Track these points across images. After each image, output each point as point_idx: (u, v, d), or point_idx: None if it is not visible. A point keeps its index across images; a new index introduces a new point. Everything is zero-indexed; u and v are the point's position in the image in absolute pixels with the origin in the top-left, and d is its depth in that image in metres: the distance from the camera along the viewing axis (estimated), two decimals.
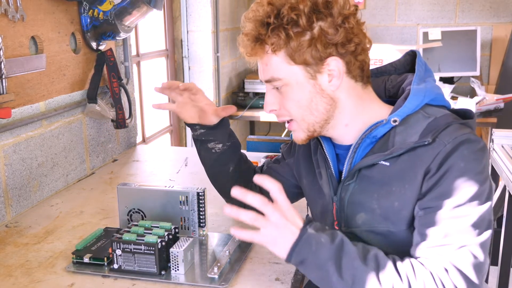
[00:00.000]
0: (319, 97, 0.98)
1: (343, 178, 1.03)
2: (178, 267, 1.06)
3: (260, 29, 0.96)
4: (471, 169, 0.89)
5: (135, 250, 1.05)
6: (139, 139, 2.29)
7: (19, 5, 1.35)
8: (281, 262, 1.12)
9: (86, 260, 1.10)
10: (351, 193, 1.01)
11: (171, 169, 1.83)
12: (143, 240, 1.05)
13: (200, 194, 1.19)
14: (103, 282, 1.05)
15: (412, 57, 1.08)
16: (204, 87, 3.09)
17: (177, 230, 1.13)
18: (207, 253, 1.16)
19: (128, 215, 1.24)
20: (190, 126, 1.25)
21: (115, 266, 1.07)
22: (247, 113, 3.34)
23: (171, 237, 1.09)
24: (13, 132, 1.40)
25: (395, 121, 0.96)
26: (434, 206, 0.90)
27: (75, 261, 1.11)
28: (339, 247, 0.89)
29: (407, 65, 1.10)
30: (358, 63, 0.98)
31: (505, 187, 2.03)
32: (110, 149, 1.94)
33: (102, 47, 1.77)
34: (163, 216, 1.21)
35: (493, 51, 3.82)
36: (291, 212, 0.91)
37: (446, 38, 3.52)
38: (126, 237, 1.06)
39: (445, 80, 3.47)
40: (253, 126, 4.02)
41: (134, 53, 2.44)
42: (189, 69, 3.11)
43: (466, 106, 2.81)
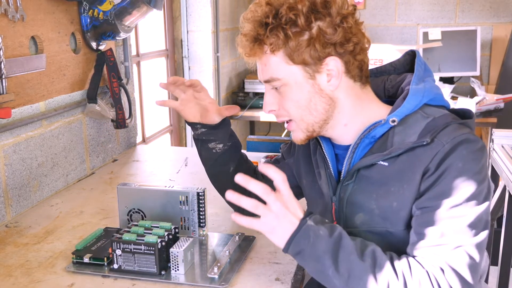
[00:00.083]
0: (318, 97, 0.98)
1: (342, 178, 1.03)
2: (178, 267, 1.06)
3: (258, 30, 0.96)
4: (469, 169, 0.89)
5: (135, 250, 1.05)
6: (139, 139, 2.29)
7: (19, 5, 1.35)
8: (281, 262, 1.12)
9: (86, 260, 1.10)
10: (350, 193, 1.01)
11: (171, 169, 1.83)
12: (143, 240, 1.05)
13: (200, 194, 1.19)
14: (103, 282, 1.05)
15: (411, 57, 1.08)
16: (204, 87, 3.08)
17: (177, 230, 1.13)
18: (207, 253, 1.16)
19: (128, 215, 1.24)
20: (191, 125, 1.24)
21: (115, 266, 1.07)
22: (247, 113, 3.34)
23: (171, 237, 1.09)
24: (13, 132, 1.40)
25: (393, 121, 0.96)
26: (431, 205, 0.91)
27: (75, 261, 1.11)
28: (337, 241, 0.90)
29: (407, 65, 1.09)
30: (357, 62, 0.98)
31: (505, 187, 2.03)
32: (110, 149, 1.94)
33: (102, 47, 1.77)
34: (163, 216, 1.21)
35: (493, 51, 3.82)
36: (292, 203, 0.92)
37: (446, 38, 3.52)
38: (126, 237, 1.06)
39: (445, 80, 3.47)
40: (253, 126, 4.02)
41: (134, 53, 2.44)
42: (189, 69, 3.11)
43: (466, 106, 2.81)
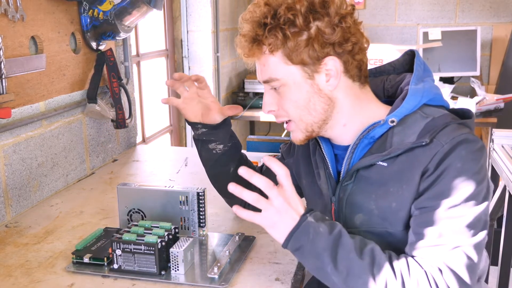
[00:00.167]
0: (316, 97, 0.98)
1: (341, 178, 1.03)
2: (178, 267, 1.06)
3: (257, 30, 0.96)
4: (468, 169, 0.89)
5: (135, 250, 1.05)
6: (139, 139, 2.29)
7: (19, 5, 1.35)
8: (281, 262, 1.12)
9: (86, 260, 1.10)
10: (349, 194, 1.01)
11: (171, 169, 1.83)
12: (143, 240, 1.05)
13: (200, 194, 1.19)
14: (103, 282, 1.05)
15: (411, 56, 1.08)
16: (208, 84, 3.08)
17: (177, 230, 1.13)
18: (207, 253, 1.16)
19: (128, 215, 1.24)
20: (192, 125, 1.24)
21: (115, 266, 1.07)
22: (247, 113, 3.34)
23: (171, 237, 1.09)
24: (13, 132, 1.40)
25: (392, 122, 0.96)
26: (430, 206, 0.90)
27: (75, 261, 1.11)
28: (336, 238, 0.90)
29: (406, 64, 1.09)
30: (355, 62, 0.98)
31: (505, 187, 2.03)
32: (110, 149, 1.94)
33: (102, 47, 1.76)
34: (163, 216, 1.21)
35: (493, 51, 3.82)
36: (294, 198, 0.92)
37: (446, 38, 3.52)
38: (126, 237, 1.06)
39: (445, 80, 3.47)
40: (253, 126, 4.02)
41: (134, 53, 2.44)
42: (189, 69, 3.11)
43: (466, 106, 2.81)
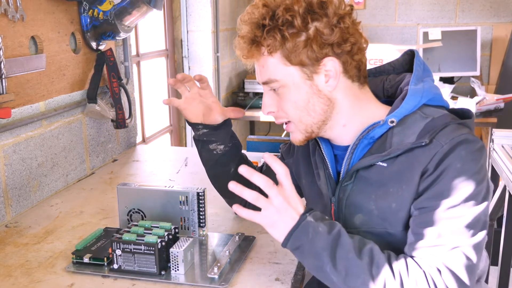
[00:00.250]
0: (316, 97, 0.98)
1: (341, 179, 1.03)
2: (178, 267, 1.06)
3: (255, 31, 0.96)
4: (468, 169, 0.89)
5: (135, 250, 1.05)
6: (139, 139, 2.29)
7: (19, 5, 1.35)
8: (281, 262, 1.12)
9: (86, 260, 1.10)
10: (349, 194, 1.01)
11: (171, 169, 1.83)
12: (143, 240, 1.05)
13: (200, 194, 1.19)
14: (103, 282, 1.05)
15: (410, 56, 1.08)
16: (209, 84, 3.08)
17: (177, 230, 1.13)
18: (207, 253, 1.16)
19: (128, 215, 1.24)
20: (192, 125, 1.24)
21: (115, 266, 1.07)
22: (247, 113, 3.33)
23: (171, 237, 1.09)
24: (13, 132, 1.40)
25: (392, 122, 0.96)
26: (429, 206, 0.90)
27: (75, 261, 1.11)
28: (336, 238, 0.90)
29: (406, 64, 1.09)
30: (354, 63, 0.97)
31: (505, 187, 2.03)
32: (110, 149, 1.94)
33: (102, 47, 1.76)
34: (163, 216, 1.21)
35: (493, 51, 3.82)
36: (294, 198, 0.92)
37: (446, 38, 3.52)
38: (126, 237, 1.06)
39: (445, 80, 3.47)
40: (253, 126, 4.02)
41: (134, 53, 2.44)
42: (189, 69, 3.11)
43: (466, 106, 2.81)
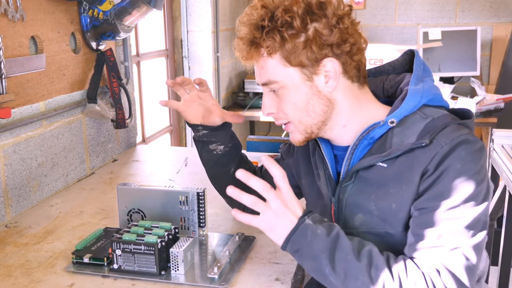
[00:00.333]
0: (316, 98, 0.98)
1: (341, 179, 1.03)
2: (178, 267, 1.06)
3: (255, 33, 0.96)
4: (468, 170, 0.89)
5: (135, 250, 1.05)
6: (139, 139, 2.29)
7: (19, 5, 1.35)
8: (281, 262, 1.12)
9: (86, 260, 1.10)
10: (349, 195, 1.01)
11: (171, 169, 1.83)
12: (143, 240, 1.05)
13: (200, 194, 1.19)
14: (103, 282, 1.05)
15: (410, 56, 1.07)
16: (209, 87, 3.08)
17: (177, 230, 1.13)
18: (207, 253, 1.16)
19: (128, 215, 1.24)
20: (192, 126, 1.24)
21: (115, 266, 1.07)
22: (247, 113, 3.33)
23: (171, 237, 1.09)
24: (13, 132, 1.40)
25: (392, 123, 0.96)
26: (429, 206, 0.90)
27: (75, 261, 1.11)
28: (334, 240, 0.90)
29: (406, 64, 1.09)
30: (354, 63, 0.97)
31: (505, 187, 2.03)
32: (110, 149, 1.94)
33: (102, 47, 1.76)
34: (163, 216, 1.21)
35: (493, 51, 3.82)
36: (292, 201, 0.92)
37: (446, 38, 3.52)
38: (126, 237, 1.06)
39: (445, 80, 3.47)
40: (253, 126, 4.02)
41: (134, 53, 2.44)
42: (189, 69, 3.11)
43: (466, 106, 2.81)
